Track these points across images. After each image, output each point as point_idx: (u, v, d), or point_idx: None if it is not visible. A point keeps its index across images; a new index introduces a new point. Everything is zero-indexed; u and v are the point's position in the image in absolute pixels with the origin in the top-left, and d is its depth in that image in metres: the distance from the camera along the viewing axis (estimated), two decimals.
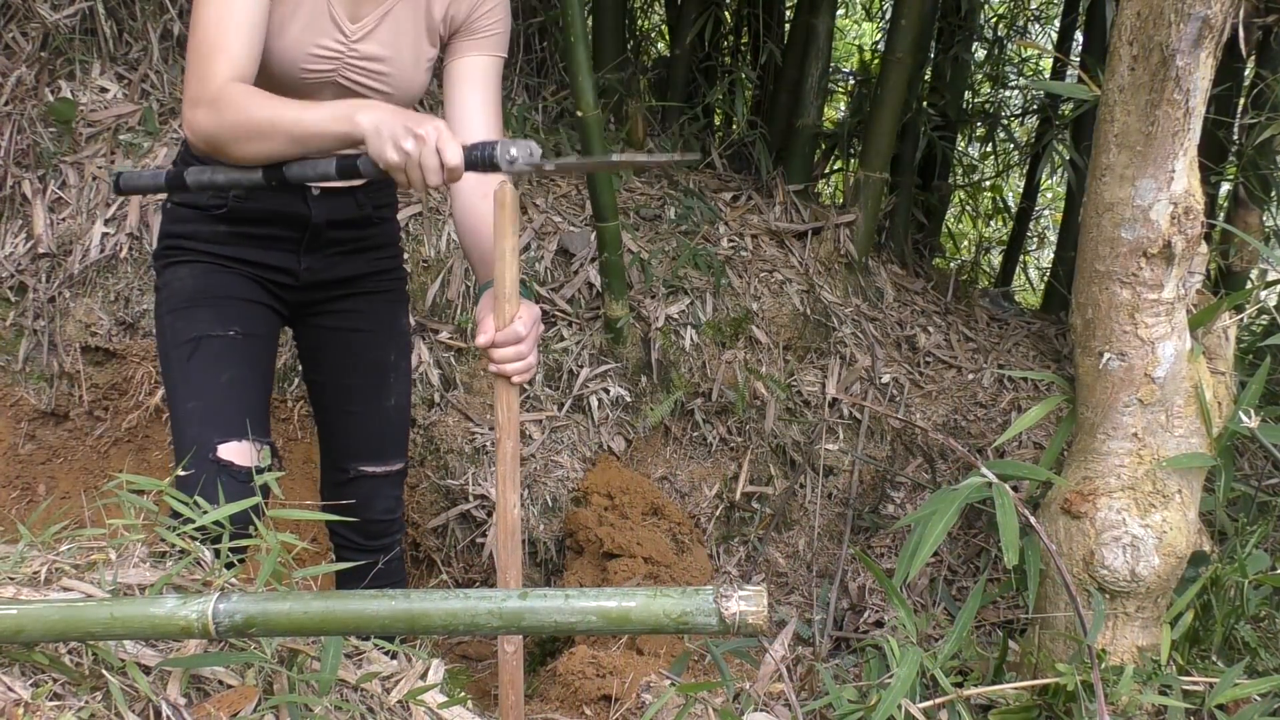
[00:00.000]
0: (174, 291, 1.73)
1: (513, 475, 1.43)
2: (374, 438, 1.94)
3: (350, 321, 1.88)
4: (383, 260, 1.90)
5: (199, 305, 1.72)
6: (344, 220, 1.80)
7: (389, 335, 1.93)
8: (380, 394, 1.93)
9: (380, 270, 1.90)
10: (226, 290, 1.73)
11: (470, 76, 1.71)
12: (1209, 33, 1.56)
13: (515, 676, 1.47)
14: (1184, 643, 1.94)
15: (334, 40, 1.62)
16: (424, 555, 2.90)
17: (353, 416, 1.94)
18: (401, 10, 1.65)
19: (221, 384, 1.68)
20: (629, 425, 3.05)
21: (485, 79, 1.73)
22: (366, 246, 1.86)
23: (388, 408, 1.95)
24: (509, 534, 1.44)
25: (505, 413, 1.45)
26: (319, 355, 1.93)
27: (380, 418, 1.94)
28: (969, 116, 4.18)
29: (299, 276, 1.80)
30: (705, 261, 3.23)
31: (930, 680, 1.73)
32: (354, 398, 1.92)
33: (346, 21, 1.62)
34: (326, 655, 1.27)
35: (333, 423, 1.96)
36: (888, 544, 3.08)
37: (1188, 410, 1.85)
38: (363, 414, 1.93)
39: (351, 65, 1.65)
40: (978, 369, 3.47)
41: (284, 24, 1.59)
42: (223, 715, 1.19)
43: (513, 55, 3.61)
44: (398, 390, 1.96)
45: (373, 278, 1.88)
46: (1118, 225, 1.73)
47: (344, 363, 1.91)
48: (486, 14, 1.70)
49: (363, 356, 1.90)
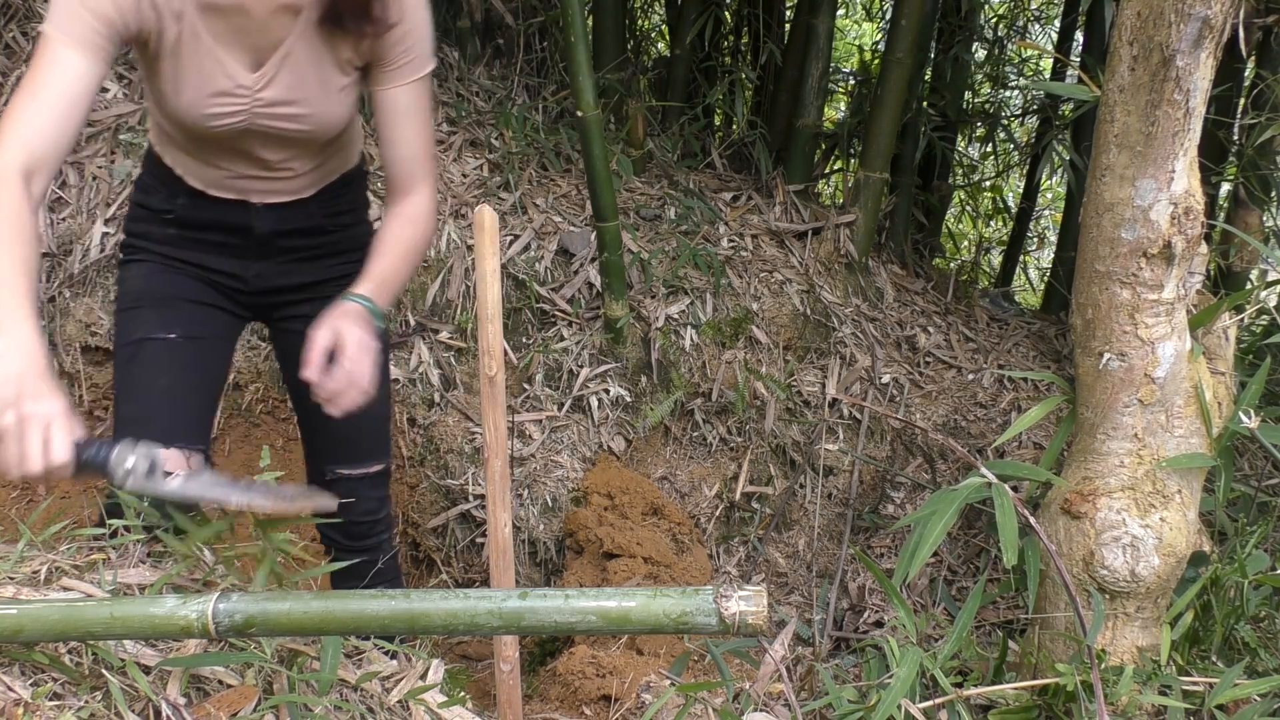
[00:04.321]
0: (125, 290, 1.72)
1: (503, 495, 1.44)
2: (349, 441, 1.90)
3: (315, 325, 1.86)
4: (347, 265, 1.81)
5: (143, 306, 1.70)
6: (294, 230, 1.76)
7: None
8: None
9: (345, 275, 1.80)
10: (174, 291, 1.71)
11: (395, 109, 1.64)
12: (1209, 33, 1.56)
13: (513, 696, 1.47)
14: (1184, 643, 1.94)
15: (236, 92, 1.56)
16: (424, 555, 2.90)
17: (329, 419, 1.91)
18: (300, 50, 1.57)
19: (157, 390, 1.65)
20: (629, 425, 3.05)
21: (410, 108, 1.65)
22: (325, 253, 1.81)
23: (363, 409, 1.89)
24: (500, 552, 1.44)
25: (493, 433, 1.45)
26: (290, 358, 1.88)
27: (353, 420, 1.83)
28: (969, 116, 4.18)
29: (248, 282, 1.77)
30: (705, 261, 3.23)
31: (930, 680, 1.73)
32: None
33: (245, 71, 1.56)
34: (326, 655, 1.27)
35: (309, 425, 1.93)
36: (888, 544, 3.08)
37: (1188, 410, 1.85)
38: (331, 418, 1.91)
39: (260, 113, 1.59)
40: (978, 369, 3.47)
41: (178, 83, 1.54)
42: (223, 715, 1.19)
43: (512, 55, 3.62)
44: (375, 392, 1.93)
45: (336, 283, 1.80)
46: (1118, 225, 1.73)
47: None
48: (397, 44, 1.60)
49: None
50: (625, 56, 3.63)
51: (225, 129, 1.59)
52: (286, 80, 1.58)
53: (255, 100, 1.57)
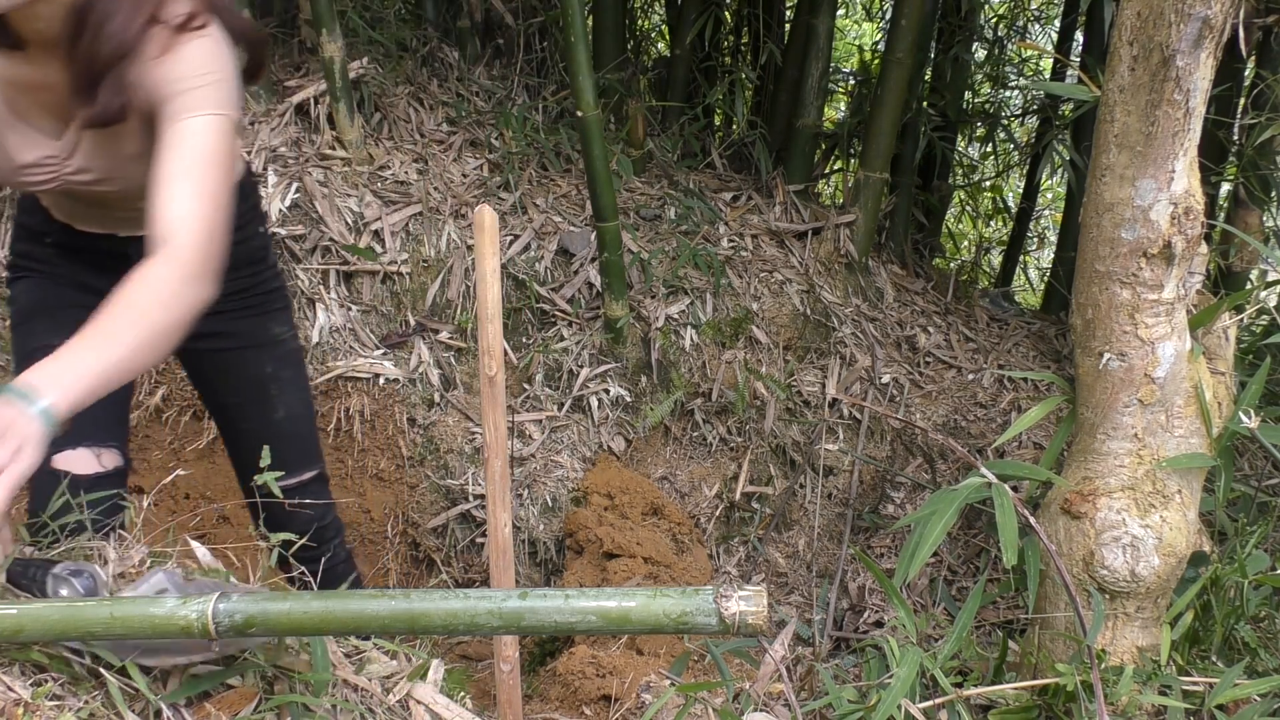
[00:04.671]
0: (17, 308, 1.71)
1: (503, 495, 1.44)
2: (274, 452, 1.82)
3: (217, 342, 1.80)
4: (240, 280, 1.77)
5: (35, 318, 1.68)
6: None
7: (260, 348, 1.85)
8: (265, 409, 1.86)
9: (239, 290, 1.77)
10: (63, 301, 1.68)
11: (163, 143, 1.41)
12: (1209, 33, 1.56)
13: (513, 696, 1.47)
14: (1184, 643, 1.94)
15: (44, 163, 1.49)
16: (424, 555, 2.90)
17: (244, 434, 1.88)
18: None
19: None
20: (629, 425, 3.05)
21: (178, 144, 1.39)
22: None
23: (277, 420, 1.87)
24: (500, 553, 1.44)
25: (493, 433, 1.44)
26: (199, 377, 1.89)
27: (271, 432, 1.86)
28: (969, 116, 4.18)
29: None
30: (705, 261, 3.23)
31: (930, 680, 1.73)
32: (240, 415, 1.87)
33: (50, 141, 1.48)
34: (315, 655, 1.27)
35: (231, 441, 1.93)
36: (888, 544, 3.08)
37: (1188, 410, 1.85)
38: (253, 431, 1.87)
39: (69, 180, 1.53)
40: (978, 369, 3.47)
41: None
42: (223, 715, 1.19)
43: (512, 55, 3.62)
44: (285, 401, 1.88)
45: (230, 298, 1.74)
46: (1118, 225, 1.73)
47: (221, 383, 1.86)
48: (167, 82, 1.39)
49: (237, 373, 1.84)
50: (625, 56, 3.63)
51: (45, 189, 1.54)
52: (87, 149, 1.50)
53: (64, 167, 1.51)
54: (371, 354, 2.89)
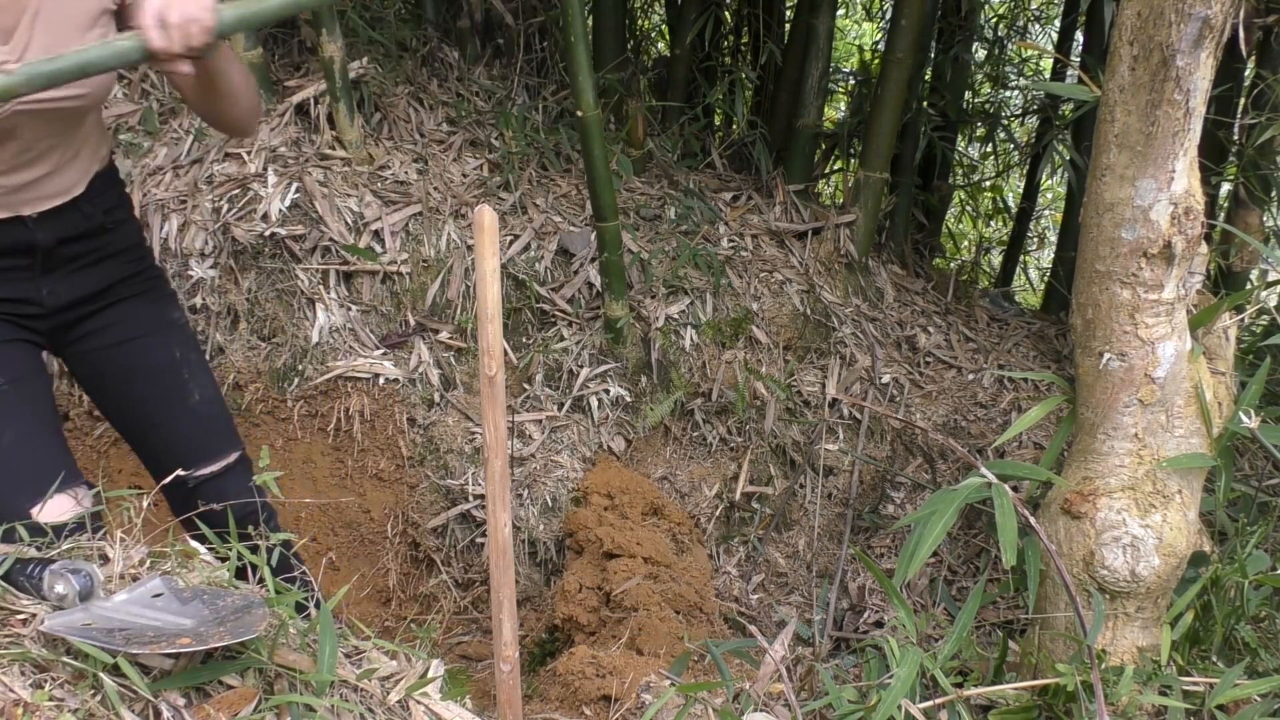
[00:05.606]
0: None
1: (503, 495, 1.43)
2: (195, 439, 1.83)
3: (116, 334, 1.76)
4: (129, 265, 1.78)
5: None
6: (75, 235, 1.68)
7: (162, 334, 1.81)
8: (180, 394, 1.82)
9: (129, 275, 1.78)
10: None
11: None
12: (1209, 33, 1.56)
13: (513, 696, 1.47)
14: (1184, 643, 1.94)
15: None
16: (424, 555, 2.90)
17: (160, 427, 1.82)
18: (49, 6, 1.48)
19: (5, 445, 1.56)
20: (629, 425, 3.05)
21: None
22: (107, 255, 1.75)
23: (194, 404, 1.82)
24: (500, 553, 1.44)
25: (493, 433, 1.44)
26: (99, 380, 1.82)
27: (190, 418, 1.82)
28: (969, 116, 4.18)
29: (44, 304, 1.68)
30: (705, 261, 3.23)
31: (930, 680, 1.73)
32: (154, 408, 1.81)
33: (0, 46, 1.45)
34: (322, 655, 1.27)
35: (147, 442, 1.85)
36: (888, 544, 3.08)
37: (1188, 410, 1.85)
38: (171, 420, 1.81)
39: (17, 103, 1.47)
40: (978, 369, 3.47)
41: None
42: (223, 715, 1.19)
43: (512, 55, 3.61)
44: (198, 383, 1.83)
45: (123, 284, 1.77)
46: (1118, 225, 1.72)
47: (127, 377, 1.79)
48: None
49: (144, 364, 1.79)
50: (625, 56, 3.63)
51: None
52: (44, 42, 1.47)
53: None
54: (371, 354, 2.89)
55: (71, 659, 1.18)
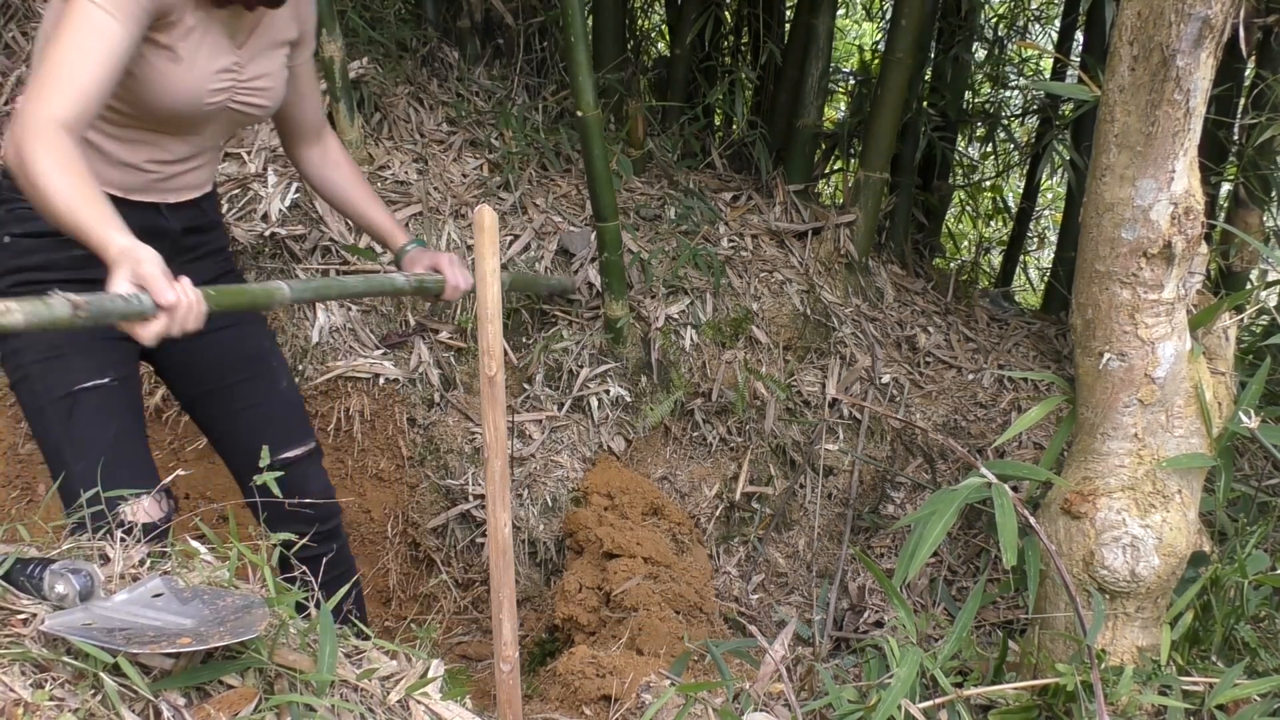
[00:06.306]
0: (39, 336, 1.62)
1: (503, 495, 1.44)
2: (282, 422, 1.94)
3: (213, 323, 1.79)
4: (224, 262, 1.94)
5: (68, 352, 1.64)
6: (195, 227, 1.84)
7: (251, 325, 1.94)
8: (272, 380, 1.94)
9: (224, 272, 1.92)
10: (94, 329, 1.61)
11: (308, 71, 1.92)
12: (1209, 33, 1.56)
13: (513, 696, 1.47)
14: (1184, 643, 1.94)
15: (229, 66, 1.68)
16: (424, 555, 2.90)
17: (249, 412, 1.92)
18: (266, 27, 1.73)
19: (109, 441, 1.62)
20: (629, 425, 3.05)
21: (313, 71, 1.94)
22: (210, 251, 1.90)
23: (283, 390, 1.96)
24: (501, 553, 1.44)
25: (493, 433, 1.45)
26: (191, 370, 1.91)
27: (280, 402, 1.95)
28: (969, 116, 4.18)
29: None
30: (705, 261, 3.23)
31: (930, 680, 1.73)
32: (248, 390, 1.92)
33: (233, 47, 1.68)
34: (322, 655, 1.27)
35: (232, 429, 1.94)
36: (888, 544, 3.08)
37: (1188, 410, 1.85)
38: (262, 405, 1.93)
39: (242, 88, 1.71)
40: (978, 369, 3.47)
41: (192, 57, 1.60)
42: (223, 715, 1.19)
43: (512, 55, 3.62)
44: (283, 372, 1.98)
45: (222, 279, 1.87)
46: (1118, 225, 1.72)
47: (221, 364, 1.89)
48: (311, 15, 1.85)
49: (239, 351, 1.91)
50: (625, 56, 3.63)
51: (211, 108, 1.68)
52: (261, 55, 1.74)
53: (242, 74, 1.71)
54: (371, 354, 2.89)
55: (72, 659, 1.18)
